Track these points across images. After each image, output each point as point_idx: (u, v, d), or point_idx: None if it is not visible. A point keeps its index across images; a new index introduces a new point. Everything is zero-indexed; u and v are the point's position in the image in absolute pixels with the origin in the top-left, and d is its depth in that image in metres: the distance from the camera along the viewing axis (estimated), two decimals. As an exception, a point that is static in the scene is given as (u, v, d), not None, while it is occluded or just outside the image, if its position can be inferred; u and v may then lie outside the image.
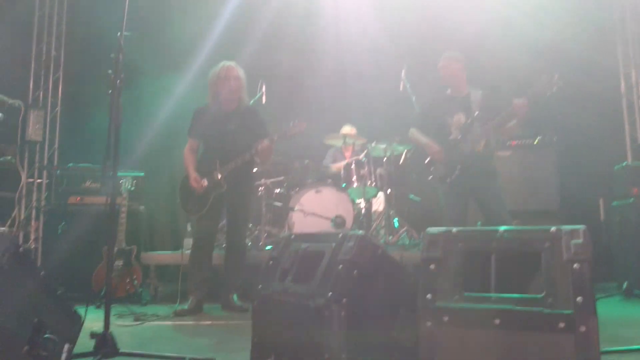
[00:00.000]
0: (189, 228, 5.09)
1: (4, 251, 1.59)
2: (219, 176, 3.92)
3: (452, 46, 4.28)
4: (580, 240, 1.62)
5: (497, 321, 1.60)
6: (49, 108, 5.99)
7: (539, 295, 1.60)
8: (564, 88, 3.50)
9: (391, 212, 5.39)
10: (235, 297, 4.03)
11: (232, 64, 4.03)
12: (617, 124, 5.89)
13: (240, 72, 4.01)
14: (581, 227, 1.65)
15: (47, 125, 5.91)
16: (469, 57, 4.15)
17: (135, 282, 4.40)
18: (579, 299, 1.53)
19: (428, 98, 4.24)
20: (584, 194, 5.57)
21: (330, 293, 1.84)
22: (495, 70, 5.38)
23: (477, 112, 3.85)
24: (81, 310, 2.29)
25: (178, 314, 3.81)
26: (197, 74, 5.70)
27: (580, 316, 1.51)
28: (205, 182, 3.92)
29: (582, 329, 1.50)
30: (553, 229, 1.67)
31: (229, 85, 3.95)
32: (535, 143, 5.41)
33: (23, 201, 5.50)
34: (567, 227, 1.66)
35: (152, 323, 3.56)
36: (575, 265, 1.58)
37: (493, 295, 1.66)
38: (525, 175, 5.29)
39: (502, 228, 1.77)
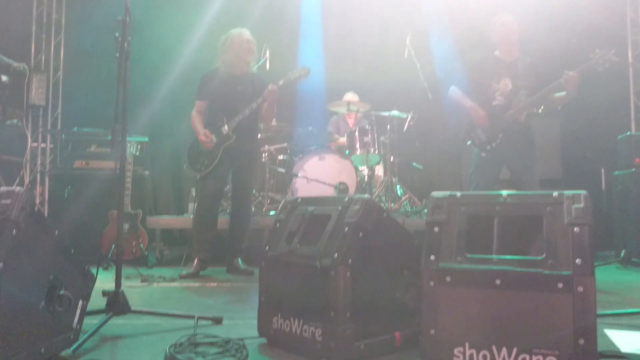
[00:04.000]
0: (193, 193, 5.16)
1: (20, 209, 1.63)
2: (227, 130, 3.98)
3: (460, 14, 4.23)
4: (581, 205, 1.66)
5: (497, 281, 1.66)
6: (51, 72, 5.97)
7: (539, 257, 1.65)
8: (572, 55, 3.42)
9: (394, 180, 5.43)
10: (239, 260, 4.12)
11: (245, 30, 4.09)
12: (622, 94, 5.86)
13: (252, 38, 4.09)
14: (582, 192, 1.69)
15: (50, 90, 5.90)
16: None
17: (142, 245, 4.48)
18: (577, 260, 1.57)
19: (475, 57, 4.04)
20: (586, 163, 5.61)
21: (336, 254, 1.90)
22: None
23: (524, 82, 3.74)
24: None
25: (183, 277, 3.89)
26: (200, 40, 5.68)
27: (578, 277, 1.56)
28: (214, 138, 3.99)
29: (580, 289, 1.55)
30: (555, 193, 1.71)
31: (241, 48, 4.03)
32: (539, 112, 5.40)
33: (28, 165, 5.54)
34: (568, 192, 1.70)
35: (159, 284, 3.65)
36: (576, 229, 1.62)
37: (495, 256, 1.71)
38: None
39: (505, 192, 1.81)
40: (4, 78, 3.27)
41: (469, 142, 3.89)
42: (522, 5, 5.47)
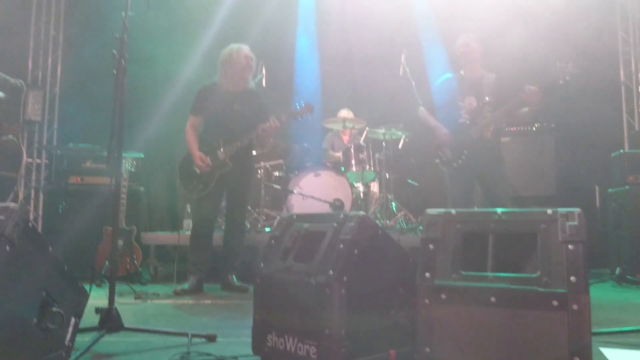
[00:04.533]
0: (188, 209, 5.14)
1: (14, 226, 1.62)
2: (224, 156, 3.95)
3: (454, 30, 4.28)
4: (575, 222, 1.66)
5: (492, 299, 1.66)
6: (47, 88, 5.98)
7: (534, 275, 1.65)
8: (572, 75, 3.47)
9: (389, 197, 5.44)
10: (234, 277, 4.09)
11: (244, 46, 4.08)
12: (615, 112, 5.92)
13: (251, 55, 4.07)
14: (576, 209, 1.70)
15: (46, 105, 5.90)
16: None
17: (135, 261, 4.45)
18: (572, 278, 1.58)
19: (440, 78, 4.15)
20: (580, 180, 5.64)
21: (332, 271, 1.89)
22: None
23: (488, 98, 3.82)
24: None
25: (178, 293, 3.86)
26: (197, 56, 5.72)
27: (573, 295, 1.56)
28: (209, 162, 3.96)
29: (575, 307, 1.55)
30: (549, 211, 1.72)
31: (240, 64, 4.00)
32: (533, 130, 5.45)
33: (22, 181, 5.52)
34: (562, 210, 1.71)
35: (153, 301, 3.62)
36: (570, 246, 1.63)
37: (490, 274, 1.71)
38: (523, 162, 5.34)
39: (500, 210, 1.82)
40: (1, 94, 3.27)
41: (437, 161, 3.98)
42: (517, 23, 5.57)
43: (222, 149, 3.96)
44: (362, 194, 5.39)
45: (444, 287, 1.74)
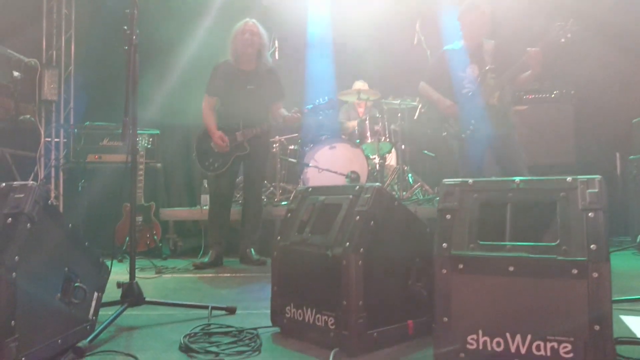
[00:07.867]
0: (205, 185, 5.18)
1: (34, 203, 1.65)
2: (242, 138, 3.98)
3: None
4: (595, 190, 1.63)
5: (511, 268, 1.64)
6: (62, 67, 6.00)
7: (553, 244, 1.63)
8: (582, 40, 3.36)
9: (405, 168, 5.40)
10: (252, 251, 4.14)
11: (252, 20, 4.04)
12: (636, 77, 5.75)
13: (260, 29, 4.03)
14: (597, 177, 1.66)
15: (62, 85, 5.94)
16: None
17: (155, 237, 4.52)
18: (592, 246, 1.55)
19: (440, 51, 4.03)
20: (600, 147, 5.54)
21: (348, 243, 1.89)
22: (508, 21, 5.14)
23: (490, 65, 3.71)
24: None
25: (198, 267, 3.92)
26: (211, 31, 5.67)
27: (593, 263, 1.54)
28: (229, 141, 3.99)
29: (595, 275, 1.53)
30: (569, 178, 1.69)
31: (246, 39, 3.97)
32: (552, 96, 5.33)
33: (42, 160, 5.59)
34: (582, 177, 1.67)
35: (173, 275, 3.68)
36: (590, 214, 1.60)
37: (508, 243, 1.69)
38: (542, 129, 5.24)
39: (518, 178, 1.79)
40: (16, 74, 3.28)
41: (444, 133, 3.89)
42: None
43: (241, 131, 3.98)
44: (377, 166, 5.36)
45: (461, 257, 1.72)
